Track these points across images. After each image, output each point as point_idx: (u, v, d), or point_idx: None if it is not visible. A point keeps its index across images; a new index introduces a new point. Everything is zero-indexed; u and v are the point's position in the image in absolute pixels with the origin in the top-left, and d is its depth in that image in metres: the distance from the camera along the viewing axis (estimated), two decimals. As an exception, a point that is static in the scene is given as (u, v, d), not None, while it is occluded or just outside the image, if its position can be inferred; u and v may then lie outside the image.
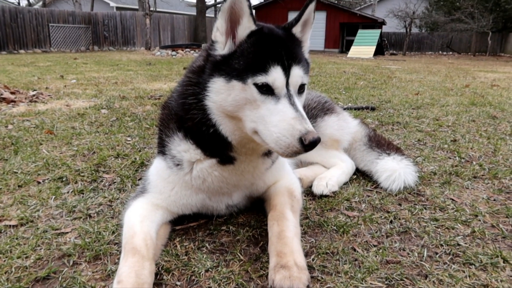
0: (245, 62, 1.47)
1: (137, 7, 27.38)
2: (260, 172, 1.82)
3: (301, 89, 1.57)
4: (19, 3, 35.70)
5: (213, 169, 1.71)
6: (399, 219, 2.03)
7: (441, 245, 1.77)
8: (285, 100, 1.46)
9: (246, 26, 1.52)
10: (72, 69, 10.39)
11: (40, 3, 34.98)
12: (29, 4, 35.75)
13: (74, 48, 22.26)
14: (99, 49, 23.56)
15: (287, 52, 1.51)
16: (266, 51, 1.49)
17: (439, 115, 4.77)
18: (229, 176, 1.74)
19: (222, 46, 1.54)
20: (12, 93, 5.44)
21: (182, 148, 1.71)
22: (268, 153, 1.79)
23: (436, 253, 1.71)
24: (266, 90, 1.45)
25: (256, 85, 1.44)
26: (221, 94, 1.50)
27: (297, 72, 1.52)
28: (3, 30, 18.94)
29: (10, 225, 1.90)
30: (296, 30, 1.67)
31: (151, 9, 24.38)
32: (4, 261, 1.61)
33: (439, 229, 1.92)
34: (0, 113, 4.39)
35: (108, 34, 24.31)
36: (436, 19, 32.11)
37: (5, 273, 1.53)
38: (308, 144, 1.38)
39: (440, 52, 34.27)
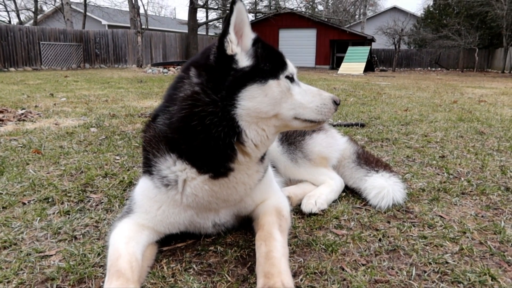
0: (271, 63, 1.68)
1: (129, 25, 27.54)
2: (253, 182, 1.83)
3: None
4: (10, 21, 35.68)
5: (204, 183, 1.71)
6: (388, 237, 2.03)
7: (430, 263, 1.77)
8: (302, 83, 1.80)
9: (249, 35, 1.67)
10: (62, 87, 10.36)
11: (31, 21, 35.10)
12: (20, 22, 35.83)
13: (65, 65, 22.25)
14: (90, 67, 23.59)
15: None
16: (276, 51, 1.76)
17: (428, 131, 4.82)
18: (219, 190, 1.74)
19: (240, 57, 1.62)
20: (0, 112, 5.40)
21: (178, 168, 1.70)
22: (262, 158, 1.84)
23: (425, 272, 1.71)
24: (291, 79, 1.74)
25: (287, 77, 1.71)
26: (255, 98, 1.60)
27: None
28: (-7, 48, 18.94)
29: (-8, 248, 1.86)
30: None
31: (143, 27, 24.59)
32: (-15, 286, 1.57)
33: (427, 247, 1.92)
34: (-13, 132, 4.34)
35: (100, 52, 24.38)
36: (424, 36, 32.82)
37: (-14, 298, 1.49)
38: (339, 103, 1.82)
39: (429, 68, 34.89)
